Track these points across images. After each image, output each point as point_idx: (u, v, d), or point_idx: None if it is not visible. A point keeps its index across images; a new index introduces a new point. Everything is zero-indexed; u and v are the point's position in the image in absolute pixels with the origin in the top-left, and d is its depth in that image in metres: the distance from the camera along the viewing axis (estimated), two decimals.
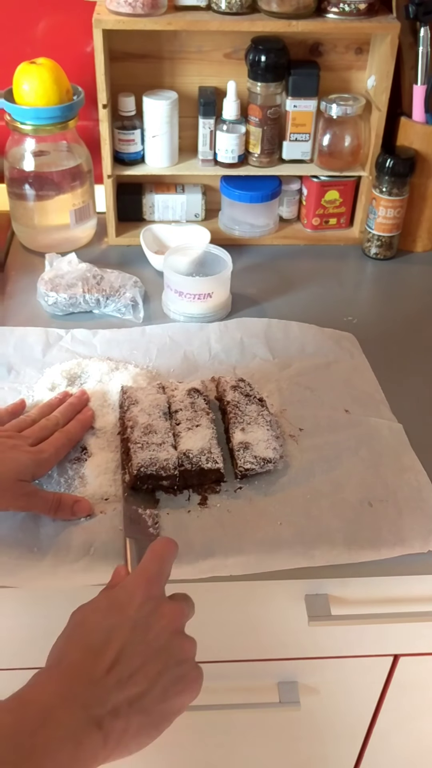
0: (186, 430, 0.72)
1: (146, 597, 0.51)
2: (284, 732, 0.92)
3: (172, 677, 0.49)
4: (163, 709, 0.49)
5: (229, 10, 0.96)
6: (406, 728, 0.94)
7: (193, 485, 0.71)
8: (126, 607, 0.50)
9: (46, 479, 0.71)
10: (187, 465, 0.69)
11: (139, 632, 0.49)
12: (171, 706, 0.49)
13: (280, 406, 0.81)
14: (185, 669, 0.50)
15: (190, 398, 0.76)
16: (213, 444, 0.71)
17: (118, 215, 1.10)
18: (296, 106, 1.04)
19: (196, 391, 0.77)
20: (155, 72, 1.05)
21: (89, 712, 0.45)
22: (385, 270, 1.10)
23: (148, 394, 0.76)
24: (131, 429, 0.72)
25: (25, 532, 0.66)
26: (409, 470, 0.74)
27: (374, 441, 0.77)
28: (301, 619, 0.72)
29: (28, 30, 1.06)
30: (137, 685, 0.47)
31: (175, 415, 0.75)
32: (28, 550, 0.65)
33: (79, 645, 0.49)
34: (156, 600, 0.51)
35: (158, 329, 0.93)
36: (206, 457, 0.70)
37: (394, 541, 0.67)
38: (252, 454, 0.71)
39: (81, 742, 0.44)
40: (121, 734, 0.46)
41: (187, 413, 0.74)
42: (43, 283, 0.96)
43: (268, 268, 1.09)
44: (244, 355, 0.89)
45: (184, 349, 0.89)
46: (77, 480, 0.71)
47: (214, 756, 0.96)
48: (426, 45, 0.99)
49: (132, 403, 0.75)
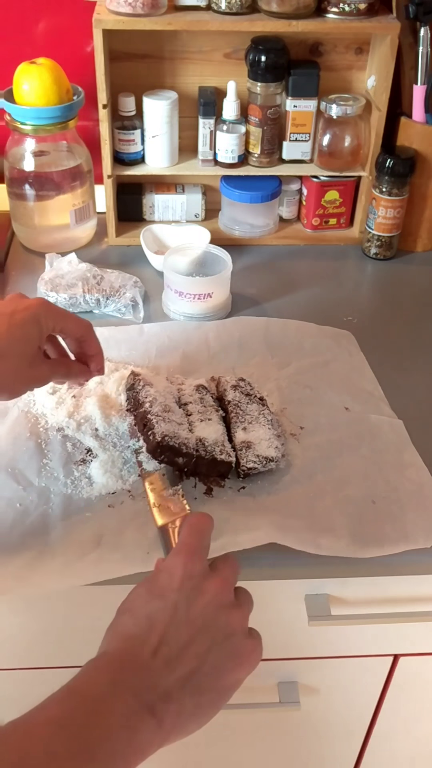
0: (199, 421, 0.73)
1: (186, 575, 0.50)
2: (284, 732, 0.92)
3: (223, 653, 0.48)
4: (217, 686, 0.48)
5: (229, 10, 0.96)
6: (406, 728, 0.94)
7: (201, 473, 0.71)
8: (166, 589, 0.50)
9: (53, 481, 0.71)
10: (201, 452, 0.70)
11: (181, 612, 0.49)
12: (225, 682, 0.48)
13: (281, 405, 0.81)
14: (235, 642, 0.49)
15: (198, 393, 0.76)
16: (225, 439, 0.72)
17: (118, 215, 1.10)
18: (296, 106, 1.04)
19: (203, 387, 0.78)
20: (155, 72, 1.05)
21: (140, 698, 0.45)
22: (385, 270, 1.10)
23: (159, 381, 0.77)
24: (150, 404, 0.72)
25: (35, 537, 0.66)
26: (410, 466, 0.74)
27: (375, 438, 0.77)
28: (301, 619, 0.72)
29: (28, 30, 1.06)
30: (186, 665, 0.47)
31: (185, 407, 0.75)
32: (39, 552, 0.65)
33: (122, 634, 0.49)
34: (197, 577, 0.50)
35: (156, 327, 0.93)
36: (220, 448, 0.70)
37: (398, 538, 0.67)
38: (254, 453, 0.71)
39: (135, 730, 0.44)
40: (176, 717, 0.46)
41: (197, 406, 0.75)
42: (43, 283, 0.96)
43: (268, 268, 1.09)
44: (243, 354, 0.89)
45: (182, 349, 0.89)
46: (84, 480, 0.71)
47: (214, 756, 0.96)
48: (426, 45, 0.99)
49: (147, 384, 0.75)
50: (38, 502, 0.69)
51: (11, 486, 0.71)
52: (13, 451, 0.74)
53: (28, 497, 0.70)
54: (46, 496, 0.70)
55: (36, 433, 0.76)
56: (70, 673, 0.76)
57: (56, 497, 0.70)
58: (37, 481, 0.71)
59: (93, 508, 0.69)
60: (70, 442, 0.75)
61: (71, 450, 0.74)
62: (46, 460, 0.73)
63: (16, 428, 0.77)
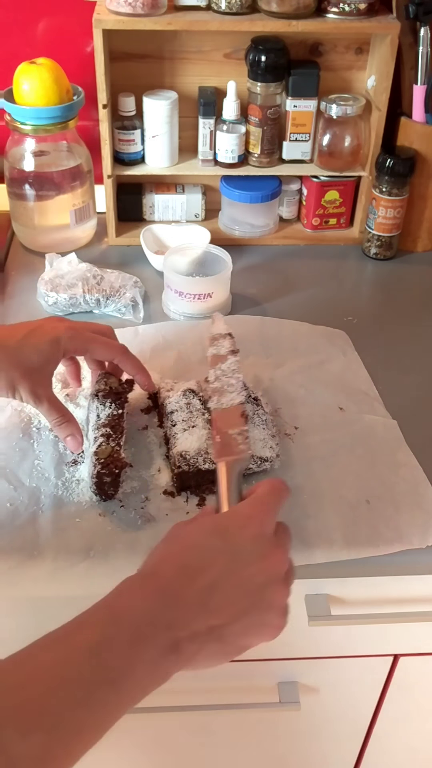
0: (182, 431, 0.72)
1: (259, 532, 0.50)
2: (284, 732, 0.92)
3: (256, 620, 0.49)
4: (238, 642, 0.49)
5: (229, 10, 0.96)
6: (406, 728, 0.94)
7: (191, 487, 0.71)
8: (235, 535, 0.49)
9: (44, 482, 0.71)
10: (184, 467, 0.69)
11: (239, 564, 0.48)
12: (246, 642, 0.49)
13: (275, 405, 0.81)
14: (271, 616, 0.50)
15: (185, 399, 0.76)
16: (210, 444, 0.71)
17: (118, 215, 1.10)
18: (296, 106, 1.04)
19: (191, 391, 0.77)
20: (155, 72, 1.05)
21: (172, 633, 0.46)
22: (385, 270, 1.10)
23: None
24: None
25: (24, 539, 0.66)
26: (404, 466, 0.74)
27: (369, 438, 0.77)
28: (301, 619, 0.72)
29: (28, 30, 1.06)
30: (221, 618, 0.47)
31: (171, 416, 0.74)
32: (28, 556, 0.65)
33: (175, 561, 0.49)
34: (266, 537, 0.50)
35: (151, 329, 0.93)
36: (203, 458, 0.70)
37: (393, 538, 0.67)
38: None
39: (158, 664, 0.45)
40: (192, 655, 0.47)
41: (183, 414, 0.74)
42: (43, 283, 0.96)
43: (268, 268, 1.09)
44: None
45: (177, 349, 0.89)
46: (74, 483, 0.71)
47: (214, 756, 0.96)
48: (426, 45, 0.99)
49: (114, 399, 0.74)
50: (28, 503, 0.69)
51: (2, 485, 0.70)
52: (5, 450, 0.74)
53: (19, 497, 0.70)
54: (37, 496, 0.70)
55: (28, 432, 0.76)
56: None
57: (47, 498, 0.69)
58: (28, 481, 0.71)
59: (83, 514, 0.68)
60: (63, 443, 0.75)
61: (63, 451, 0.74)
62: (38, 460, 0.73)
63: (8, 427, 0.77)
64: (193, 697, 0.83)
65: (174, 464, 0.70)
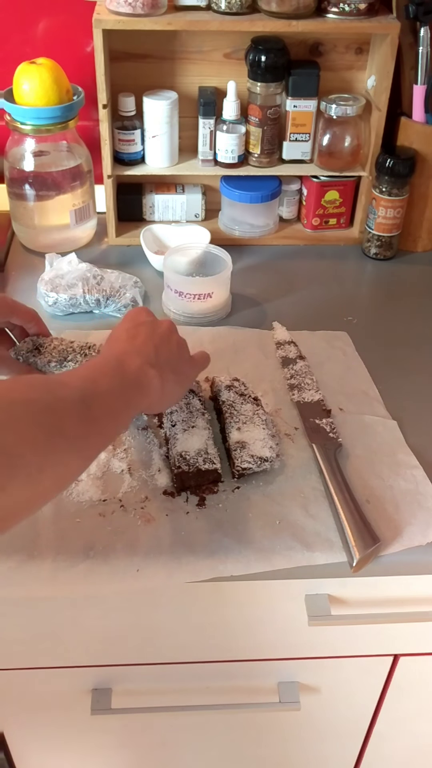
0: (182, 431, 0.72)
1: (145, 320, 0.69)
2: (284, 732, 0.92)
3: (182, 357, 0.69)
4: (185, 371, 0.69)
5: (229, 10, 0.96)
6: (406, 728, 0.94)
7: (191, 487, 0.71)
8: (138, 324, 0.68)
9: None
10: (184, 467, 0.69)
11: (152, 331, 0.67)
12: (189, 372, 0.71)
13: (275, 406, 0.81)
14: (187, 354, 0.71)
15: (184, 399, 0.76)
16: (209, 444, 0.71)
17: (118, 215, 1.10)
18: (296, 106, 1.04)
19: (190, 391, 0.77)
20: (155, 72, 1.05)
21: (143, 357, 0.63)
22: (385, 270, 1.10)
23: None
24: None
25: (24, 539, 0.66)
26: (404, 466, 0.74)
27: (369, 438, 0.78)
28: (301, 619, 0.72)
29: (28, 30, 1.06)
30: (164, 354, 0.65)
31: (170, 417, 0.74)
32: (28, 556, 0.65)
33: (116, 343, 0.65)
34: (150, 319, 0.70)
35: None
36: (203, 458, 0.70)
37: (394, 537, 0.67)
38: (249, 453, 0.71)
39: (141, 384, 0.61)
40: (160, 388, 0.63)
41: (182, 414, 0.74)
42: (43, 283, 0.96)
43: (268, 268, 1.09)
44: (238, 356, 0.89)
45: None
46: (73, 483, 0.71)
47: (214, 756, 0.96)
48: (426, 45, 0.99)
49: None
50: None
51: None
52: None
53: None
54: None
55: None
56: (69, 673, 0.76)
57: None
58: None
59: (83, 514, 0.68)
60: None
61: None
62: None
63: None
64: (194, 697, 0.83)
65: (174, 464, 0.70)
